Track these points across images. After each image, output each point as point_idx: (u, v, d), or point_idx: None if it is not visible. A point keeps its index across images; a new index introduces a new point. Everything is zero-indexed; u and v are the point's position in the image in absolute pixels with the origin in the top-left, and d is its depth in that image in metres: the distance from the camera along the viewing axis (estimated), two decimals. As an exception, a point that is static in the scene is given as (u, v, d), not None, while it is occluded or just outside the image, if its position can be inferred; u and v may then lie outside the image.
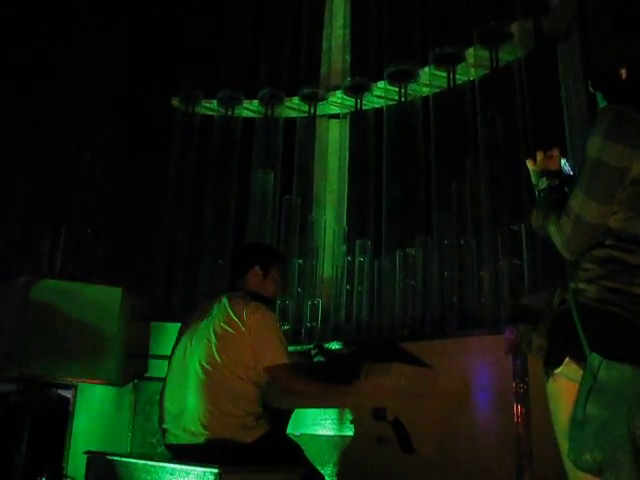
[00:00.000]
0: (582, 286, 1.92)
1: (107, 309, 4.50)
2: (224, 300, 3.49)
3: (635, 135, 1.84)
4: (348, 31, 6.66)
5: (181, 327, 3.66)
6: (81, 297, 4.48)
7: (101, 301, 4.49)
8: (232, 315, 3.37)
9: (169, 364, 3.56)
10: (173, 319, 5.02)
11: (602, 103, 2.16)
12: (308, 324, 5.71)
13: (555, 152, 2.32)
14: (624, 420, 1.69)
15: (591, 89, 2.24)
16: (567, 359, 1.90)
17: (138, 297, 4.92)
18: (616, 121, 1.86)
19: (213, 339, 3.34)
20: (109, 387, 4.65)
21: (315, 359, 4.48)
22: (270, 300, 3.88)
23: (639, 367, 1.71)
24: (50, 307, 4.37)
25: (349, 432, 4.22)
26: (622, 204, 1.84)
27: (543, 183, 2.22)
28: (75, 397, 4.83)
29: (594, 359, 1.75)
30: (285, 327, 5.64)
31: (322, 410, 4.27)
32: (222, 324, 3.36)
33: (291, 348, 4.80)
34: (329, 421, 4.36)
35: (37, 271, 5.44)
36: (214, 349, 3.32)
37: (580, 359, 1.84)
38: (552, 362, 1.99)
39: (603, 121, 1.89)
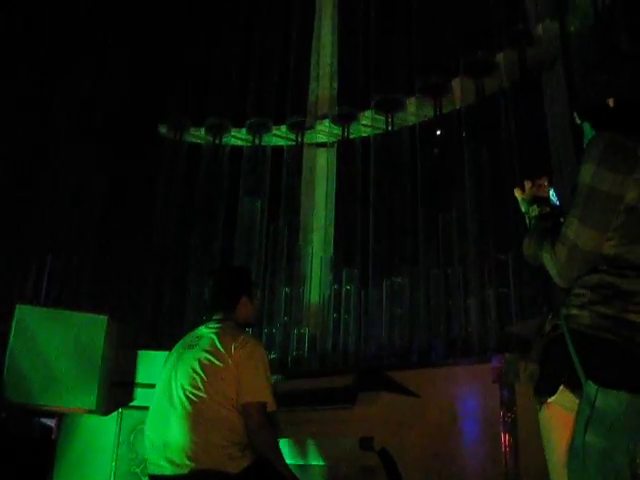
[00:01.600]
0: (574, 312, 1.90)
1: (93, 337, 4.45)
2: (212, 331, 3.45)
3: (628, 162, 1.83)
4: (335, 60, 6.71)
5: (167, 356, 3.63)
6: (66, 325, 4.43)
7: (87, 329, 4.45)
8: (219, 347, 3.32)
9: (154, 394, 3.51)
10: (160, 347, 4.98)
11: (589, 133, 2.15)
12: (294, 352, 5.68)
13: (544, 181, 2.31)
14: (625, 449, 1.67)
15: (577, 120, 2.24)
16: (562, 387, 1.87)
17: (124, 324, 4.88)
18: (609, 148, 1.86)
19: (199, 370, 3.30)
20: (93, 416, 4.58)
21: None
22: (256, 321, 3.87)
23: (636, 394, 1.70)
24: (34, 334, 4.32)
25: (337, 462, 4.18)
26: (616, 230, 1.83)
27: (534, 210, 2.20)
28: (58, 426, 4.75)
29: (590, 387, 1.73)
30: (272, 356, 5.61)
31: (310, 440, 4.23)
32: (208, 356, 3.31)
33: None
34: (316, 451, 4.32)
35: (22, 297, 5.40)
36: (199, 380, 3.27)
37: (575, 387, 1.81)
38: (545, 390, 1.96)
39: (596, 148, 1.88)
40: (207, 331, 3.46)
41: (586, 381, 1.77)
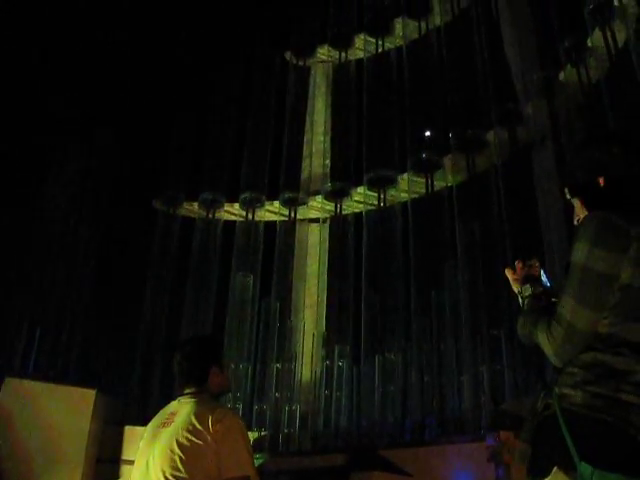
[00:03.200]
0: (567, 391, 1.87)
1: (80, 411, 4.39)
2: (186, 407, 3.36)
3: (621, 241, 1.82)
4: (329, 137, 6.83)
5: (142, 436, 3.53)
6: (54, 398, 4.37)
7: (74, 403, 4.39)
8: (196, 424, 3.22)
9: (132, 476, 3.40)
10: (148, 422, 4.89)
11: (580, 210, 2.15)
12: (285, 430, 5.59)
13: (534, 261, 2.30)
14: None
15: (568, 197, 2.24)
16: (555, 469, 1.82)
17: (113, 399, 4.80)
18: (602, 228, 1.84)
19: (177, 450, 3.18)
20: (78, 495, 4.46)
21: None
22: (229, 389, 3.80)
23: (632, 476, 1.65)
24: (21, 408, 4.25)
25: None
26: (611, 309, 1.81)
27: (527, 290, 2.17)
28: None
29: (585, 469, 1.67)
30: (262, 433, 5.52)
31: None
32: (186, 434, 3.20)
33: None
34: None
35: (10, 370, 5.33)
36: (178, 461, 3.16)
37: (568, 468, 1.76)
38: (538, 471, 1.91)
39: (589, 228, 1.87)
40: (180, 407, 3.37)
41: (580, 462, 1.73)
